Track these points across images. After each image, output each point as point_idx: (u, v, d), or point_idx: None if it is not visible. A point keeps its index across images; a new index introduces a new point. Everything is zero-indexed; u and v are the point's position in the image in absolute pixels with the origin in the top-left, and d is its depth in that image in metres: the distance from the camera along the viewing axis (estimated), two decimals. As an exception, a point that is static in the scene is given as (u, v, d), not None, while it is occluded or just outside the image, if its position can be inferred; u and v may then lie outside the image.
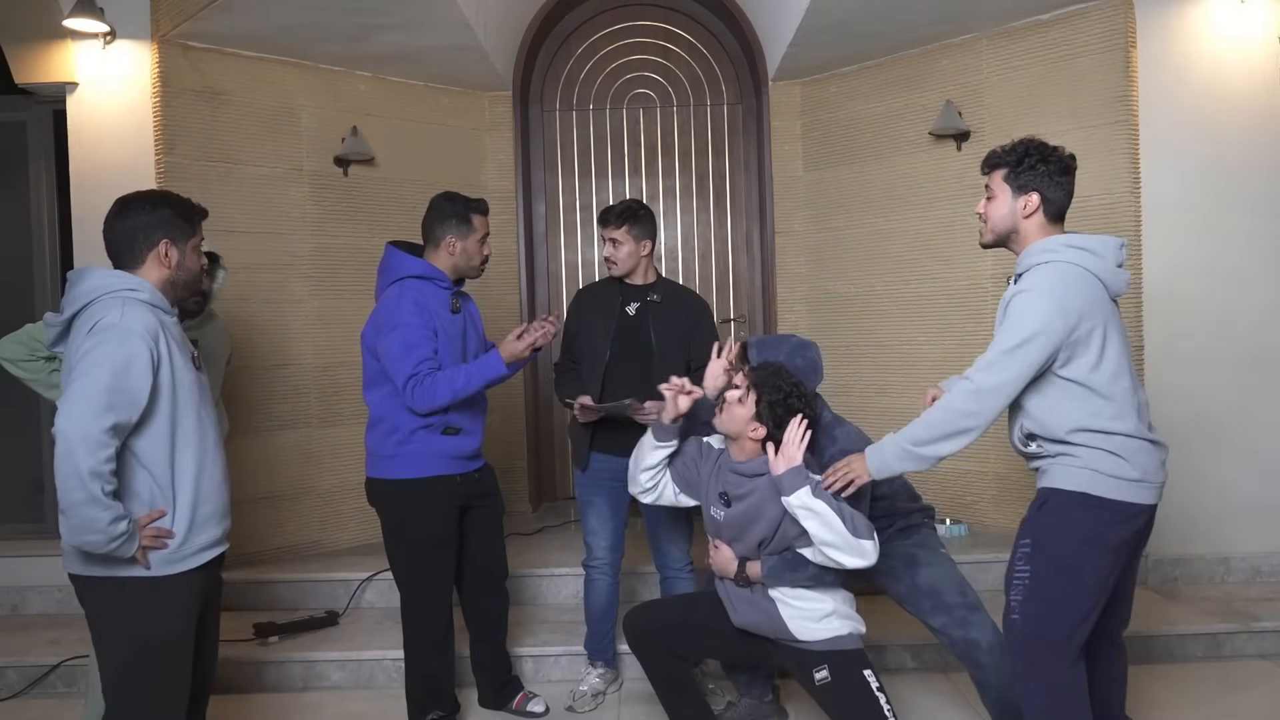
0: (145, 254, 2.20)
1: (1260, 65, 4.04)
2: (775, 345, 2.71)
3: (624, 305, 3.19)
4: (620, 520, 3.24)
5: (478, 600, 3.13)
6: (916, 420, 2.29)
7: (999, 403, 2.20)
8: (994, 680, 2.63)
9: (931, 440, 2.25)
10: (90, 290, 2.14)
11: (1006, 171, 2.31)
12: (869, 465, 2.34)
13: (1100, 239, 2.25)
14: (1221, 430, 4.09)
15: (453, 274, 3.00)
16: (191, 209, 2.29)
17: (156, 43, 3.99)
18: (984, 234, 2.39)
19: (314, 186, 4.40)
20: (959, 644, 2.66)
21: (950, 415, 2.23)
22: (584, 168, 5.24)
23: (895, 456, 2.30)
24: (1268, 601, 3.83)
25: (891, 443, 2.31)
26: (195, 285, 2.35)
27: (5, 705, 3.43)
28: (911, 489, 2.88)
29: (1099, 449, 2.18)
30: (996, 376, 2.18)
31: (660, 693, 2.75)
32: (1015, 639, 2.29)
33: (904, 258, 4.56)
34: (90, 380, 2.03)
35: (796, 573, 2.45)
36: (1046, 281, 2.18)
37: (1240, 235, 4.06)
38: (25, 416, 4.47)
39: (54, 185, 4.52)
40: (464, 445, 2.95)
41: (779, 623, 2.49)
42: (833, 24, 4.19)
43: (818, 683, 2.45)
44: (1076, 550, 2.20)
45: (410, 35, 4.14)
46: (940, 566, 2.72)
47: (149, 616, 2.14)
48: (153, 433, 2.13)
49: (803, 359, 2.66)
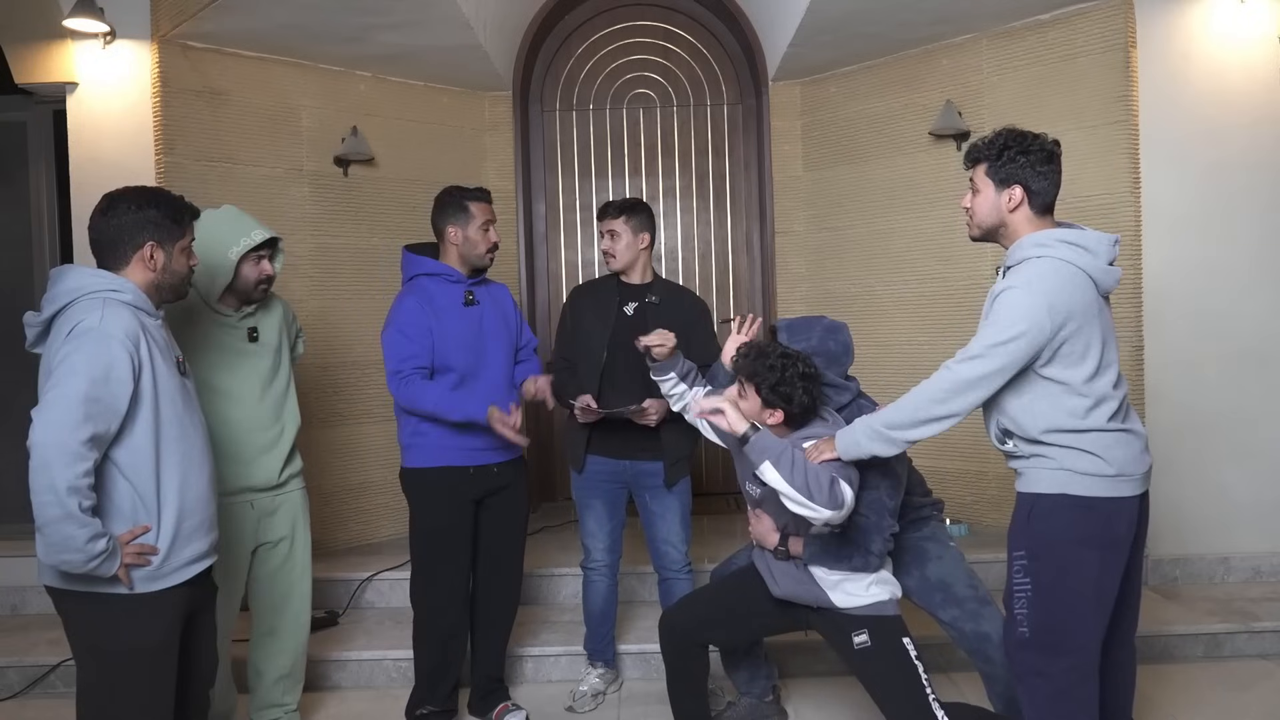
0: (130, 255, 2.14)
1: (1260, 65, 4.04)
2: (807, 328, 2.62)
3: (622, 305, 3.18)
4: (618, 522, 3.24)
5: (481, 598, 3.13)
6: (893, 404, 2.23)
7: (978, 395, 2.15)
8: (1003, 674, 2.61)
9: (905, 425, 2.18)
10: (71, 290, 2.08)
11: (987, 166, 2.24)
12: (838, 445, 2.27)
13: (1094, 235, 2.21)
14: (1221, 430, 4.09)
15: (462, 266, 3.01)
16: (181, 209, 2.21)
17: (156, 43, 3.99)
18: (970, 229, 2.34)
19: (314, 186, 4.40)
20: (970, 637, 2.64)
21: (926, 402, 2.17)
22: (584, 168, 5.24)
23: (866, 438, 2.23)
24: (1268, 601, 3.83)
25: (864, 424, 2.24)
26: (183, 288, 2.28)
27: (5, 705, 3.43)
28: (923, 482, 2.85)
29: (1073, 448, 2.15)
30: (978, 369, 2.12)
31: (674, 690, 2.72)
32: (1022, 653, 2.22)
33: (904, 258, 4.56)
34: (66, 389, 1.95)
35: (840, 562, 2.40)
36: (1037, 278, 2.13)
37: (1240, 235, 4.06)
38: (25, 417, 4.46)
39: (54, 185, 4.52)
40: (475, 437, 2.96)
41: (820, 591, 2.44)
42: (833, 24, 4.19)
43: (857, 647, 2.41)
44: (1073, 553, 2.16)
45: (410, 35, 4.14)
46: (950, 559, 2.71)
47: (128, 633, 2.07)
48: (134, 442, 2.06)
49: (835, 342, 2.60)
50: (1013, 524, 2.28)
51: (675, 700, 2.73)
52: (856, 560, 2.39)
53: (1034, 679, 2.21)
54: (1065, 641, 2.17)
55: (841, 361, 2.61)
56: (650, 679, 3.43)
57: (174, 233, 2.19)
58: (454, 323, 2.96)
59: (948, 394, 2.15)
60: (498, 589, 3.13)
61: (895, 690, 2.39)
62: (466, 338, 2.96)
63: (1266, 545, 4.14)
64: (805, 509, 2.20)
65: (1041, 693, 2.20)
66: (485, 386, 2.98)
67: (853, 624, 2.43)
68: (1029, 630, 2.20)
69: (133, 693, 2.10)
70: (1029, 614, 2.20)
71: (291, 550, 2.92)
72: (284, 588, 2.92)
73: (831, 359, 2.57)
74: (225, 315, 2.75)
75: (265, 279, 2.77)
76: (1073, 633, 2.17)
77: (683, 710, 2.73)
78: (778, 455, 2.20)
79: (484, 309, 3.03)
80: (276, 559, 2.90)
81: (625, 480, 3.19)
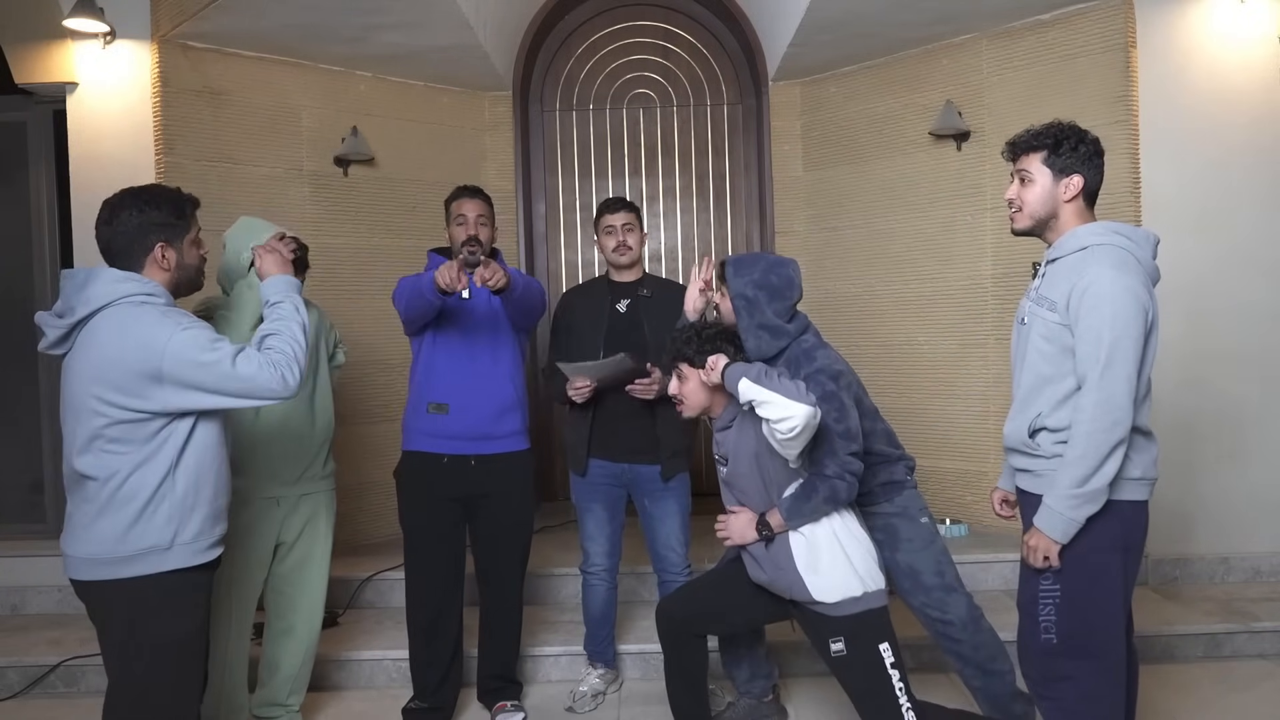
0: (143, 259, 2.16)
1: (1260, 65, 4.05)
2: (751, 263, 2.65)
3: (614, 304, 3.19)
4: (617, 526, 3.24)
5: (481, 595, 3.15)
6: (1062, 465, 2.12)
7: (1130, 396, 2.08)
8: (969, 654, 2.69)
9: (1093, 474, 2.09)
10: (104, 295, 2.09)
11: (1045, 154, 2.22)
12: (1045, 530, 2.14)
13: (1141, 231, 2.21)
14: (1221, 430, 4.09)
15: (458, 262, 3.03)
16: (182, 203, 2.22)
17: (156, 43, 3.99)
18: (1018, 220, 2.29)
19: (314, 186, 4.40)
20: (935, 623, 2.72)
21: (1097, 441, 2.07)
22: (584, 168, 5.24)
23: (1070, 508, 2.10)
24: (1268, 601, 3.83)
25: (1056, 500, 2.12)
26: (197, 280, 2.30)
27: (5, 705, 3.43)
28: (893, 435, 2.78)
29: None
30: (1120, 370, 2.06)
31: (673, 686, 2.72)
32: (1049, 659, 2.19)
33: (904, 258, 4.56)
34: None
35: (811, 500, 2.38)
36: (1118, 262, 2.10)
37: (1240, 235, 4.07)
38: (25, 417, 4.48)
39: (54, 185, 4.52)
40: (450, 425, 2.98)
41: (795, 577, 2.41)
42: (833, 24, 4.19)
43: (833, 654, 2.41)
44: (1103, 558, 2.14)
45: (410, 35, 4.14)
46: (920, 542, 2.70)
47: (172, 617, 2.12)
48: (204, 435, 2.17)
49: (777, 276, 2.61)
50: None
51: (673, 695, 2.73)
52: (822, 489, 2.37)
53: (1062, 684, 2.18)
54: (1093, 644, 2.16)
55: (784, 296, 2.61)
56: (650, 679, 3.43)
57: (180, 229, 2.21)
58: (451, 314, 3.00)
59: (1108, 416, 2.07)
60: (487, 592, 3.14)
61: (867, 699, 2.41)
62: (461, 331, 3.01)
63: (1266, 545, 4.14)
64: (787, 413, 2.20)
65: (1071, 696, 2.18)
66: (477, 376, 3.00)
67: (830, 628, 2.41)
68: (1056, 636, 2.17)
69: (175, 678, 2.15)
70: (1057, 620, 2.17)
71: (312, 549, 2.96)
72: (303, 586, 2.96)
73: (774, 293, 2.58)
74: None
75: None
76: (1102, 635, 2.16)
77: (680, 706, 2.72)
78: (754, 373, 2.28)
79: (475, 303, 3.02)
80: (297, 557, 2.93)
81: (624, 483, 3.20)
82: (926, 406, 4.47)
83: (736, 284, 2.61)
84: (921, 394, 4.48)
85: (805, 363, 2.55)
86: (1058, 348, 2.17)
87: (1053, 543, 2.13)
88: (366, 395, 4.44)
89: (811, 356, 2.56)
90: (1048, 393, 2.19)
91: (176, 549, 2.12)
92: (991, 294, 4.28)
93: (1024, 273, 4.01)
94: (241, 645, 2.89)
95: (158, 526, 2.09)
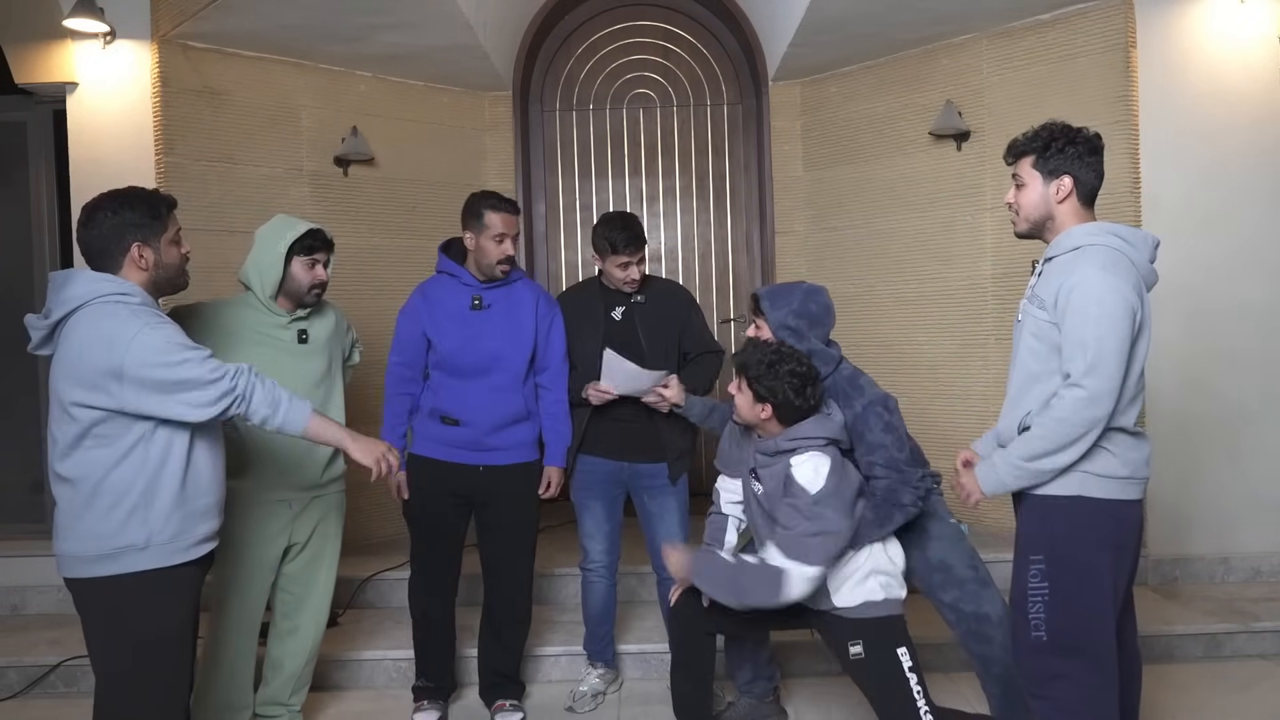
0: (120, 259, 2.19)
1: (1260, 65, 4.05)
2: (787, 293, 2.63)
3: (609, 311, 3.18)
4: (615, 523, 3.24)
5: (486, 593, 3.17)
6: (1025, 435, 2.18)
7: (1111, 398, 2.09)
8: (1000, 655, 2.59)
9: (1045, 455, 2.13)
10: (79, 295, 2.12)
11: (1034, 158, 2.24)
12: (980, 479, 2.25)
13: (1140, 232, 2.22)
14: (1221, 430, 4.09)
15: (477, 272, 3.03)
16: (157, 203, 2.24)
17: (156, 43, 3.99)
18: (1017, 224, 2.32)
19: (314, 186, 4.40)
20: (969, 619, 2.61)
21: (1064, 429, 2.10)
22: (584, 168, 5.24)
23: (1008, 473, 2.20)
24: (1268, 601, 3.83)
25: (1003, 460, 2.20)
26: (180, 279, 2.32)
27: (5, 705, 3.43)
28: (920, 451, 2.76)
29: (1095, 445, 2.13)
30: (1104, 371, 2.07)
31: (678, 683, 2.70)
32: (1039, 657, 2.20)
33: (904, 258, 4.56)
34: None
35: (884, 528, 2.44)
36: (1107, 263, 2.11)
37: (1240, 235, 4.07)
38: (25, 417, 4.48)
39: (54, 185, 4.52)
40: (458, 435, 3.00)
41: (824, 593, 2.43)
42: (833, 24, 4.19)
43: (851, 657, 2.42)
44: (1094, 556, 2.15)
45: (410, 35, 4.14)
46: (950, 538, 2.68)
47: (155, 613, 2.14)
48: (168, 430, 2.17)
49: (815, 304, 2.61)
50: (1024, 527, 2.26)
51: (677, 692, 2.70)
52: (898, 516, 2.44)
53: (1054, 682, 2.19)
54: (1084, 642, 2.17)
55: (823, 323, 2.63)
56: (650, 679, 3.44)
57: (155, 228, 2.22)
58: (454, 326, 2.98)
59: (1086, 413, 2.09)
60: (502, 590, 3.14)
61: (886, 702, 2.41)
62: (465, 341, 2.98)
63: (1266, 545, 4.14)
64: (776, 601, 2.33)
65: (1063, 695, 2.18)
66: (487, 389, 2.99)
67: (849, 631, 2.43)
68: (1046, 634, 2.18)
69: (159, 674, 2.17)
70: (1046, 618, 2.18)
71: (322, 550, 2.97)
72: (311, 586, 2.97)
73: (814, 321, 2.59)
74: (278, 315, 2.82)
75: (318, 284, 2.87)
76: (1092, 633, 2.17)
77: (684, 703, 2.70)
78: (713, 583, 2.42)
79: (493, 313, 3.01)
80: (307, 557, 2.94)
81: (623, 481, 3.20)
82: (927, 407, 4.47)
83: (776, 316, 2.59)
84: (922, 394, 4.48)
85: (854, 394, 2.55)
86: (1047, 346, 2.19)
87: (979, 491, 2.26)
88: (365, 395, 4.42)
89: (859, 387, 2.57)
90: (1036, 390, 2.20)
91: (153, 548, 2.14)
92: (991, 294, 4.28)
93: (1024, 273, 4.01)
94: (248, 645, 2.88)
95: (133, 526, 2.12)
